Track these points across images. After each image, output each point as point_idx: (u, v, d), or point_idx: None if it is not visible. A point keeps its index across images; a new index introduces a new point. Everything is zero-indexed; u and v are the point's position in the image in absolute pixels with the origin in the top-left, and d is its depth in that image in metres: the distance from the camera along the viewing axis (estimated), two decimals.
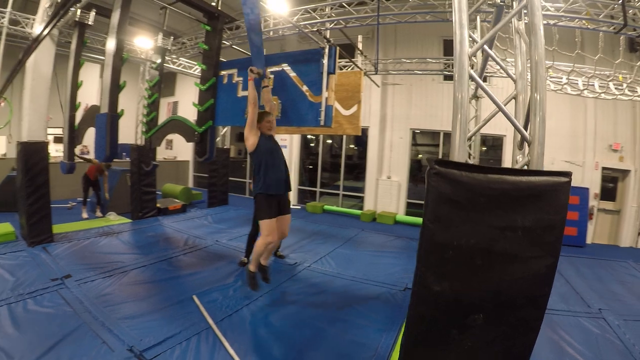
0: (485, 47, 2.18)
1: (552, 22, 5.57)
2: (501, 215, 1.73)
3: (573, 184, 6.41)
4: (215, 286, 5.07)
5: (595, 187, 8.97)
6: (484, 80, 9.98)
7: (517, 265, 1.74)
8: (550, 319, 4.42)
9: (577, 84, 6.67)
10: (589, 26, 5.35)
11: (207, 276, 5.43)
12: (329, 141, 13.20)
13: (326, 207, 11.69)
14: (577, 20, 5.36)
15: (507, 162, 9.95)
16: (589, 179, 9.00)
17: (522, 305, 1.80)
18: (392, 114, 11.38)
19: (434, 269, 1.85)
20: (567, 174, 1.80)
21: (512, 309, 1.80)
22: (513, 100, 2.32)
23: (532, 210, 1.72)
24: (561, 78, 6.78)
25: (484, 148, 10.81)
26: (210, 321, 4.02)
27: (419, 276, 1.88)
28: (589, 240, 8.84)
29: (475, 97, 6.32)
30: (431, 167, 1.80)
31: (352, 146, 13.03)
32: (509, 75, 2.15)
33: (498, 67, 7.48)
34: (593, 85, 6.51)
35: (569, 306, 4.88)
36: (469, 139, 2.11)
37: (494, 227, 1.74)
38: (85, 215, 8.62)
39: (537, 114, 1.88)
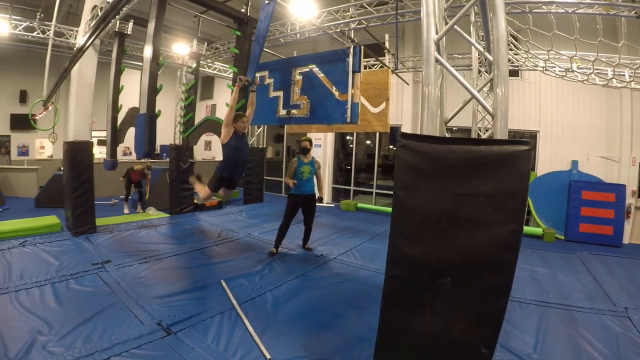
0: (456, 27, 2.27)
1: (570, 9, 5.49)
2: (463, 182, 1.84)
3: (609, 180, 6.20)
4: (243, 273, 5.36)
5: (632, 184, 8.56)
6: (516, 74, 9.82)
7: (481, 231, 1.83)
8: (571, 316, 4.36)
9: (607, 73, 6.46)
10: (609, 12, 5.22)
11: (236, 264, 5.73)
12: (368, 142, 13.35)
13: (359, 204, 11.83)
14: (596, 6, 5.25)
15: (540, 156, 9.70)
16: (625, 176, 8.60)
17: (489, 270, 1.87)
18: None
19: (404, 232, 1.99)
20: (527, 143, 1.86)
21: (479, 273, 1.88)
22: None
23: (494, 177, 1.81)
24: (589, 68, 6.60)
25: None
26: (234, 302, 4.30)
27: (392, 239, 2.03)
28: (625, 240, 8.42)
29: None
30: (398, 140, 1.96)
31: (390, 146, 13.09)
32: (485, 57, 2.24)
33: (524, 59, 7.42)
34: (623, 74, 6.29)
35: (592, 304, 4.73)
36: (446, 122, 2.22)
37: (457, 194, 1.85)
38: (126, 210, 9.24)
39: (500, 88, 1.98)
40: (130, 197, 9.43)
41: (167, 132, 11.92)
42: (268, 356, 3.23)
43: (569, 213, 8.60)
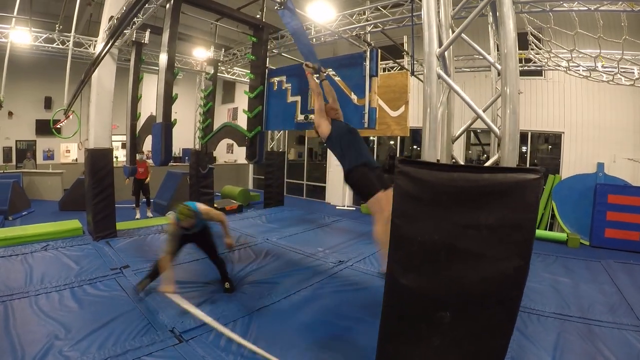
0: (463, 35, 2.15)
1: (592, 7, 5.28)
2: (465, 212, 1.75)
3: (636, 183, 5.95)
4: (257, 280, 5.41)
5: None
6: (539, 74, 9.56)
7: (483, 265, 1.74)
8: (591, 330, 4.17)
9: (633, 72, 6.21)
10: (634, 8, 4.99)
11: (252, 271, 5.77)
12: (391, 142, 13.22)
13: None
14: (620, 3, 5.03)
15: (565, 159, 9.44)
16: None
17: (490, 307, 1.78)
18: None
19: (401, 262, 1.92)
20: (537, 171, 1.70)
21: (480, 309, 1.80)
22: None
23: (498, 208, 1.70)
24: (615, 68, 6.36)
25: (549, 146, 10.33)
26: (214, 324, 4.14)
27: (389, 269, 1.97)
28: None
29: None
30: (396, 166, 1.90)
31: (414, 147, 12.91)
32: (492, 64, 2.10)
33: (546, 59, 7.20)
34: None
35: (615, 318, 4.51)
36: (453, 141, 2.12)
37: (457, 225, 1.76)
38: (138, 216, 9.35)
39: (508, 106, 1.82)
40: (141, 203, 9.54)
41: (188, 136, 12.14)
42: None
43: (594, 218, 8.29)
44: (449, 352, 1.86)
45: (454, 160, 2.12)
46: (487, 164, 1.86)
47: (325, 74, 4.82)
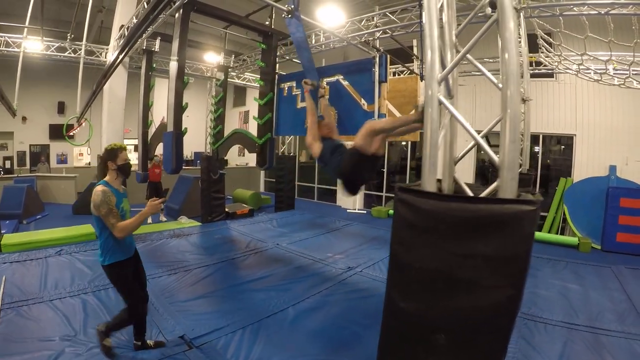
0: (469, 55, 2.12)
1: (602, 10, 5.24)
2: (461, 242, 1.76)
3: None
4: (267, 286, 5.47)
5: None
6: (551, 75, 9.47)
7: (478, 293, 1.75)
8: (598, 340, 4.15)
9: None
10: None
11: (262, 277, 5.83)
12: (403, 143, 13.21)
13: (391, 211, 11.66)
14: (631, 6, 4.98)
15: (577, 161, 9.34)
16: None
17: (484, 333, 1.80)
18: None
19: (399, 286, 1.96)
20: (534, 203, 1.70)
21: (475, 336, 1.81)
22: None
23: (494, 239, 1.71)
24: (627, 70, 6.29)
25: (562, 147, 10.22)
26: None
27: (388, 290, 2.02)
28: None
29: (522, 100, 6.07)
30: (395, 194, 1.93)
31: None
32: (495, 84, 2.05)
33: (557, 62, 7.14)
34: None
35: (623, 327, 4.46)
36: (456, 162, 2.12)
37: (454, 254, 1.78)
38: (149, 220, 9.44)
39: (507, 135, 1.78)
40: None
41: (200, 139, 12.28)
42: None
43: (606, 222, 8.21)
44: None
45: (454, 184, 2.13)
46: (486, 192, 1.86)
47: (323, 90, 4.83)
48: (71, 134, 7.81)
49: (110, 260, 3.33)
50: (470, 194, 1.98)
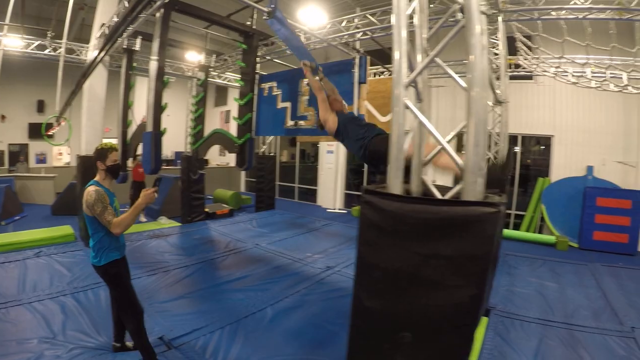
0: (437, 59, 2.13)
1: (580, 15, 5.36)
2: (424, 243, 1.80)
3: (625, 186, 6.02)
4: (246, 287, 5.47)
5: None
6: (529, 77, 9.62)
7: (441, 292, 1.79)
8: (573, 336, 4.25)
9: (621, 78, 6.29)
10: (622, 16, 5.06)
11: (241, 277, 5.82)
12: None
13: None
14: (608, 11, 5.10)
15: (555, 162, 9.52)
16: None
17: (448, 332, 1.84)
18: (436, 117, 11.22)
19: (365, 286, 2.00)
20: (496, 205, 1.73)
21: (439, 333, 1.85)
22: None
23: (456, 240, 1.74)
24: (604, 73, 6.43)
25: (542, 147, 10.39)
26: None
27: (355, 290, 2.05)
28: None
29: (499, 102, 6.16)
30: (361, 196, 1.97)
31: None
32: (462, 88, 2.05)
33: (535, 65, 7.27)
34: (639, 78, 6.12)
35: (598, 323, 4.59)
36: (424, 165, 2.13)
37: (417, 254, 1.81)
38: (143, 219, 9.48)
39: (471, 138, 1.80)
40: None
41: (180, 139, 12.20)
42: None
43: (583, 220, 8.38)
44: None
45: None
46: (449, 194, 1.89)
47: (322, 71, 4.75)
48: (50, 133, 7.65)
49: (106, 260, 3.33)
50: (439, 196, 2.00)
